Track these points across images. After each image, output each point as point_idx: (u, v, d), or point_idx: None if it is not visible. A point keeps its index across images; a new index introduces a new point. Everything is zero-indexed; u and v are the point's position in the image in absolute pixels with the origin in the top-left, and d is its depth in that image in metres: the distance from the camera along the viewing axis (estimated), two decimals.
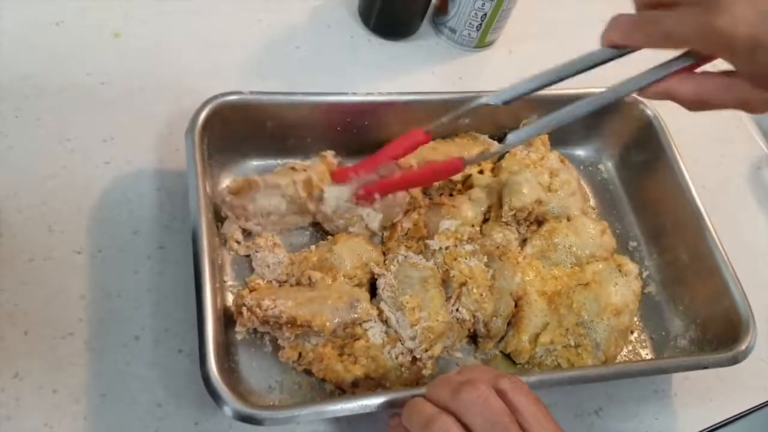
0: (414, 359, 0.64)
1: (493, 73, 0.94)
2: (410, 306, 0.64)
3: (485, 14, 0.88)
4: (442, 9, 0.92)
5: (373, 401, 0.57)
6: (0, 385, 0.58)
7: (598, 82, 0.64)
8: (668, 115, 0.81)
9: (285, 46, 0.87)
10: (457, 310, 0.67)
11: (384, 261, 0.69)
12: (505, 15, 0.90)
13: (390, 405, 0.57)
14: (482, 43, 0.94)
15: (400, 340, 0.64)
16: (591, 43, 1.01)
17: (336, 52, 0.89)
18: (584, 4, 1.07)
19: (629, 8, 0.55)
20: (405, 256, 0.68)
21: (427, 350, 0.64)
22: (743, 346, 0.68)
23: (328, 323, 0.61)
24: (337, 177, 0.70)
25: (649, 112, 0.83)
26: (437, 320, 0.64)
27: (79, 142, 0.72)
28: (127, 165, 0.72)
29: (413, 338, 0.64)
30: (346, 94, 0.73)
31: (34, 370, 0.59)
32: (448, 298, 0.68)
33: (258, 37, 0.87)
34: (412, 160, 0.72)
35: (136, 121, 0.75)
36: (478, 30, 0.91)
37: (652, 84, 0.54)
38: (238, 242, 0.69)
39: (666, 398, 0.74)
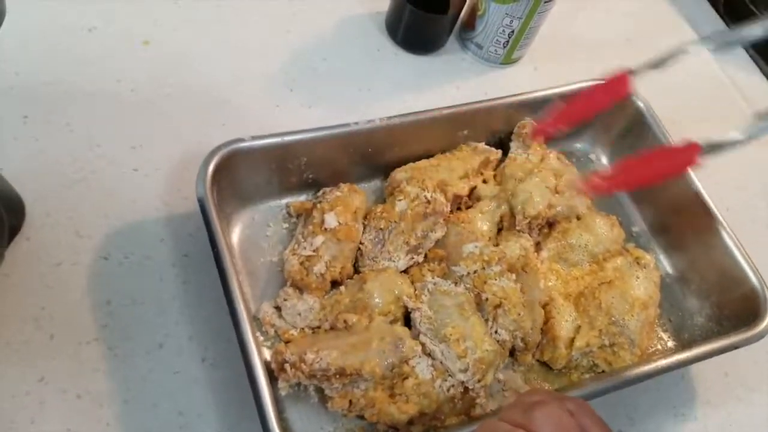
0: (465, 389, 0.64)
1: (519, 89, 0.92)
2: (454, 338, 0.63)
3: (512, 31, 0.89)
4: (469, 25, 0.92)
5: None
6: (25, 388, 0.59)
7: None
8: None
9: (312, 57, 0.88)
10: (496, 332, 0.66)
11: (414, 291, 0.68)
12: (532, 32, 0.90)
13: None
14: (508, 60, 0.94)
15: (449, 373, 0.63)
16: (612, 62, 1.02)
17: (362, 64, 0.89)
18: (610, 22, 1.07)
19: (652, 27, 0.55)
20: (434, 284, 0.67)
21: (480, 380, 0.63)
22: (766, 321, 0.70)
23: (377, 368, 0.60)
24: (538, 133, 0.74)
25: (639, 103, 0.83)
26: (486, 350, 0.63)
27: (108, 148, 0.73)
28: (154, 172, 0.73)
29: (464, 371, 0.63)
30: (347, 125, 0.72)
31: (59, 375, 0.60)
32: (485, 321, 0.67)
33: (286, 47, 0.88)
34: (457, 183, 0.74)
35: (164, 128, 0.76)
36: (504, 47, 0.91)
37: None
38: (272, 325, 0.67)
39: (687, 421, 0.74)
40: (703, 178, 0.78)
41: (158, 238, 0.69)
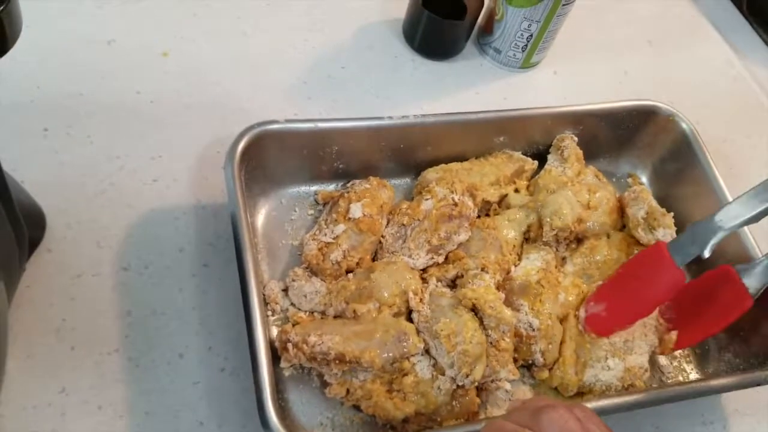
0: (458, 387, 0.63)
1: (538, 93, 0.93)
2: (445, 333, 0.63)
3: (531, 35, 0.88)
4: (487, 30, 0.92)
5: None
6: (47, 399, 0.59)
7: None
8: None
9: (330, 66, 0.88)
10: (488, 335, 0.65)
11: (421, 290, 0.68)
12: (551, 36, 0.90)
13: None
14: (527, 64, 0.93)
15: (441, 372, 0.63)
16: (636, 64, 1.02)
17: (380, 72, 0.89)
18: (630, 25, 1.06)
19: (674, 28, 0.54)
20: (435, 286, 0.68)
21: (467, 375, 0.63)
22: None
23: (377, 359, 0.61)
24: (598, 329, 0.69)
25: (684, 124, 0.82)
26: (471, 343, 0.63)
27: (128, 160, 0.73)
28: (174, 183, 0.73)
29: (452, 366, 0.63)
30: (381, 118, 0.73)
31: (80, 386, 0.60)
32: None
33: (304, 57, 0.88)
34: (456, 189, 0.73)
35: (183, 139, 0.76)
36: (523, 51, 0.91)
37: None
38: (277, 303, 0.67)
39: (715, 431, 0.72)
40: None
41: (178, 248, 0.69)
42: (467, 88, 0.91)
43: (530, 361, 0.68)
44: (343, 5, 0.94)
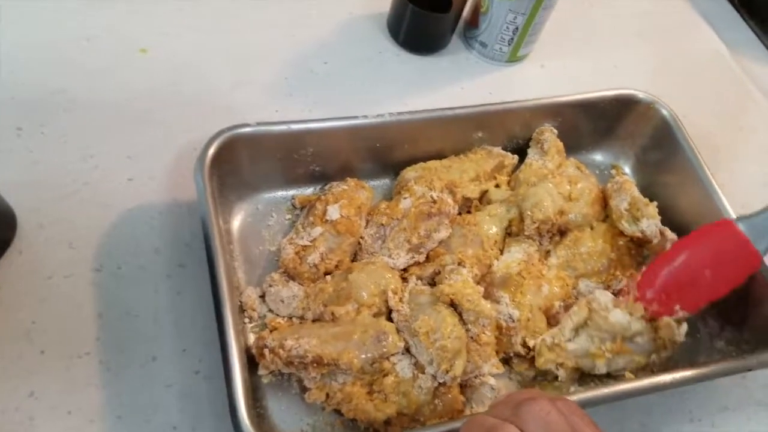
0: (440, 385, 0.62)
1: (525, 87, 0.91)
2: (423, 330, 0.62)
3: (517, 28, 0.86)
4: (473, 23, 0.90)
5: None
6: (15, 404, 0.58)
7: None
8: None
9: (313, 61, 0.86)
10: (468, 330, 0.64)
11: (401, 289, 0.67)
12: (537, 29, 0.88)
13: None
14: (514, 58, 0.92)
15: (422, 371, 0.62)
16: (623, 58, 1.00)
17: (364, 66, 0.88)
18: (619, 17, 1.05)
19: (663, 20, 0.52)
20: (415, 284, 0.67)
21: (447, 371, 0.61)
22: None
23: (355, 360, 0.59)
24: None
25: (664, 111, 0.80)
26: (450, 338, 0.61)
27: (102, 159, 0.72)
28: (150, 182, 0.72)
29: (431, 362, 0.62)
30: (356, 117, 0.71)
31: (50, 390, 0.59)
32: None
33: (286, 52, 0.86)
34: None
35: (161, 137, 0.75)
36: (509, 44, 0.89)
37: None
38: (254, 310, 0.66)
39: (703, 427, 0.71)
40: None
41: (153, 248, 0.68)
42: (453, 83, 0.90)
43: (510, 354, 0.67)
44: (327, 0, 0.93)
